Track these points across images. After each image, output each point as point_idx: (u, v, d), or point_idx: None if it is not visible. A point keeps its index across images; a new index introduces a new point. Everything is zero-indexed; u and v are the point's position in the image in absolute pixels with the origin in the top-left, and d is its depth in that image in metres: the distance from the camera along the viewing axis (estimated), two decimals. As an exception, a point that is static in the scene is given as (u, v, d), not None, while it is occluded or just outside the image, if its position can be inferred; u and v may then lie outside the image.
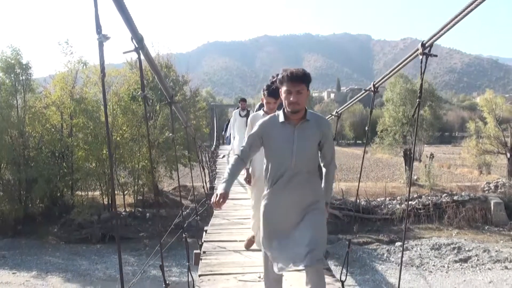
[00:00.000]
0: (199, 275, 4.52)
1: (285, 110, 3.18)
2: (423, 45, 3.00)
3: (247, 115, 11.17)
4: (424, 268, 16.16)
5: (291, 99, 3.08)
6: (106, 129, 2.26)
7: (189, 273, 4.53)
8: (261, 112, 4.88)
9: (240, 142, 11.42)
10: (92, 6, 2.03)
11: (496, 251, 17.19)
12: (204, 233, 6.34)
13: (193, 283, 4.39)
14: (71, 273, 15.57)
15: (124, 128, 21.10)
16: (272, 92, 4.55)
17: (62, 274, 15.42)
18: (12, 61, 20.83)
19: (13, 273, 15.50)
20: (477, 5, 2.48)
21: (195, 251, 5.51)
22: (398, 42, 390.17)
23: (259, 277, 4.32)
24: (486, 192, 23.14)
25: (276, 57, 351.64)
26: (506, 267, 15.91)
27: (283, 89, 3.13)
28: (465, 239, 18.50)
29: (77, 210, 19.63)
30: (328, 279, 4.37)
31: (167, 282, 3.64)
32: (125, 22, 2.50)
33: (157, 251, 10.46)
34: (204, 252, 5.26)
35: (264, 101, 4.77)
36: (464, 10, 2.58)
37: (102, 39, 2.06)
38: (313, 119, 3.21)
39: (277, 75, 4.59)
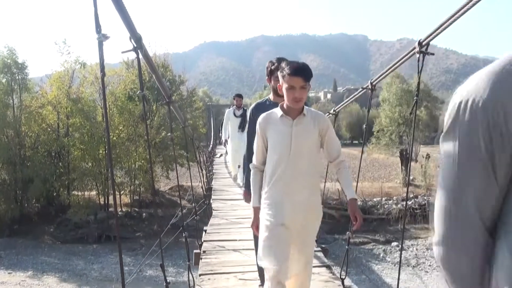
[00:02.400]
0: (200, 274, 4.54)
1: None
2: (420, 43, 3.02)
3: (243, 115, 9.64)
4: (420, 268, 16.20)
5: None
6: (106, 129, 2.26)
7: (189, 273, 4.54)
8: (275, 109, 3.04)
9: (237, 151, 9.82)
10: (90, 5, 2.03)
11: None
12: (204, 233, 6.35)
13: (194, 282, 4.40)
14: (67, 273, 15.54)
15: (120, 128, 21.06)
16: (298, 69, 2.80)
17: (58, 274, 15.38)
18: (8, 61, 20.76)
19: (8, 272, 15.45)
20: (474, 4, 2.50)
21: (195, 251, 5.53)
22: (395, 43, 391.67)
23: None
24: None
25: (273, 57, 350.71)
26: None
27: None
28: (461, 239, 18.53)
29: (73, 210, 19.57)
30: (328, 276, 4.39)
31: (168, 281, 3.63)
32: (123, 22, 2.50)
33: (153, 251, 10.46)
34: (204, 251, 5.28)
35: (284, 85, 2.82)
36: (460, 9, 2.60)
37: (102, 38, 2.07)
38: None
39: (282, 60, 3.46)
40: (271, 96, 3.84)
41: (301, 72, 2.76)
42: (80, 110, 20.80)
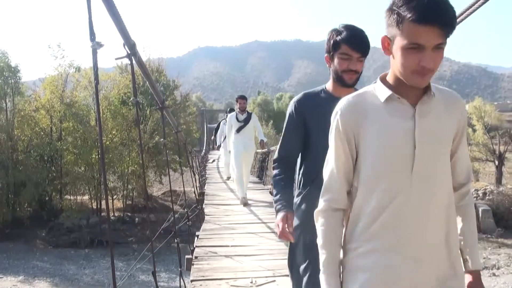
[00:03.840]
0: (191, 280, 4.52)
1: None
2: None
3: (247, 120, 8.66)
4: (412, 274, 16.20)
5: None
6: (99, 135, 2.27)
7: (181, 279, 4.52)
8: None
9: (238, 155, 8.50)
10: (84, 10, 2.03)
11: (484, 258, 17.28)
12: (196, 238, 6.33)
13: (185, 288, 4.39)
14: (59, 277, 15.44)
15: (113, 132, 21.03)
16: (433, 11, 1.32)
17: (50, 279, 15.28)
18: (1, 64, 20.70)
19: None
20: (467, 16, 2.51)
21: (186, 256, 5.51)
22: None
23: (251, 282, 4.33)
24: (475, 199, 23.28)
25: (267, 63, 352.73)
26: (494, 274, 16.00)
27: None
28: (453, 246, 18.58)
29: (65, 214, 19.50)
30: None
31: None
32: (117, 28, 2.50)
33: (145, 255, 10.42)
34: (196, 257, 5.26)
35: (400, 41, 1.41)
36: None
37: (96, 46, 2.06)
38: None
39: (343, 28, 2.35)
40: (328, 85, 2.50)
41: (439, 16, 1.35)
42: (73, 114, 20.77)
